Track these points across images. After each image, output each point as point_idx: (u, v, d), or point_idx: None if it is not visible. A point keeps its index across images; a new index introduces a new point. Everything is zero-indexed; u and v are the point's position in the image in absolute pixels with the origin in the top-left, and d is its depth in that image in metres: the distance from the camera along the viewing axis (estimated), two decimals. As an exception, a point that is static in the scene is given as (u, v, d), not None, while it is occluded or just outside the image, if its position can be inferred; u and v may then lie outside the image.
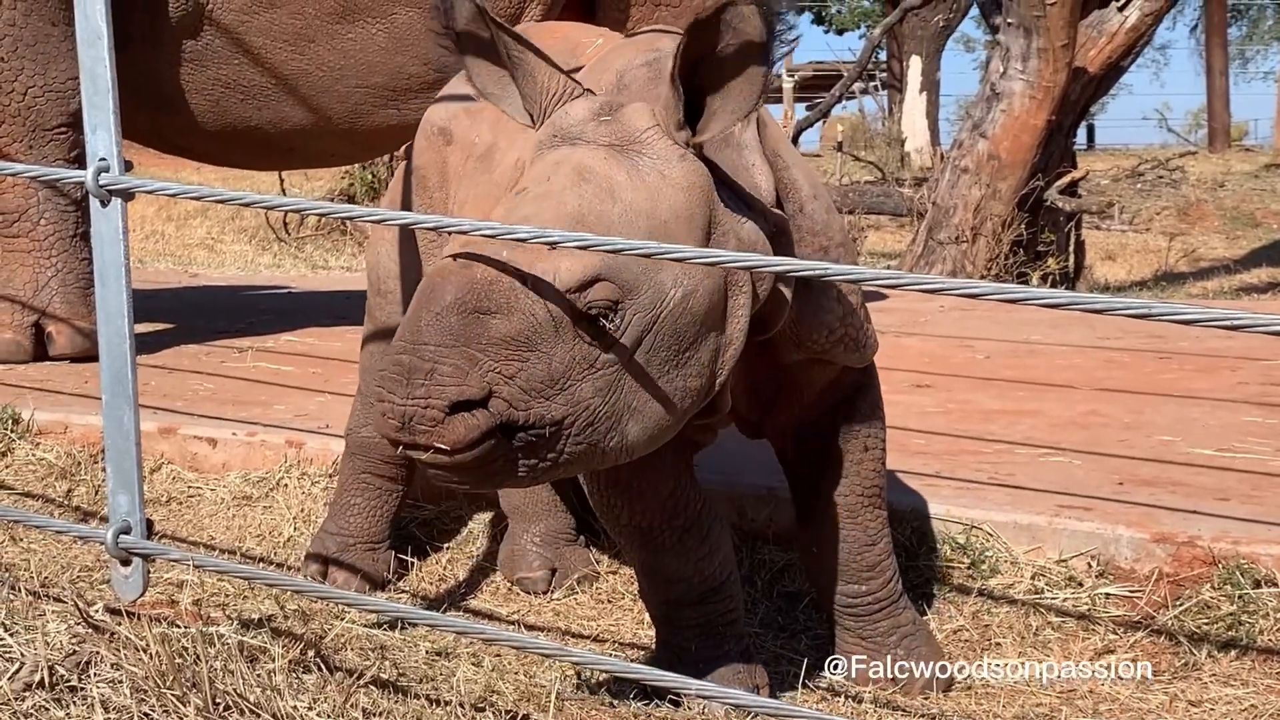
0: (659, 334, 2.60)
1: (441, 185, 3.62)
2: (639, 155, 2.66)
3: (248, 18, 6.21)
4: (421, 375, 2.42)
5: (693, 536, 3.11)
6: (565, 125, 2.72)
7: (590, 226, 2.54)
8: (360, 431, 3.97)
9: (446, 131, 3.64)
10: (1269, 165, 21.41)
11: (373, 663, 3.12)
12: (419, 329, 2.46)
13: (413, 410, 2.41)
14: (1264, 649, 3.35)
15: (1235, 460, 4.38)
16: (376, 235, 3.95)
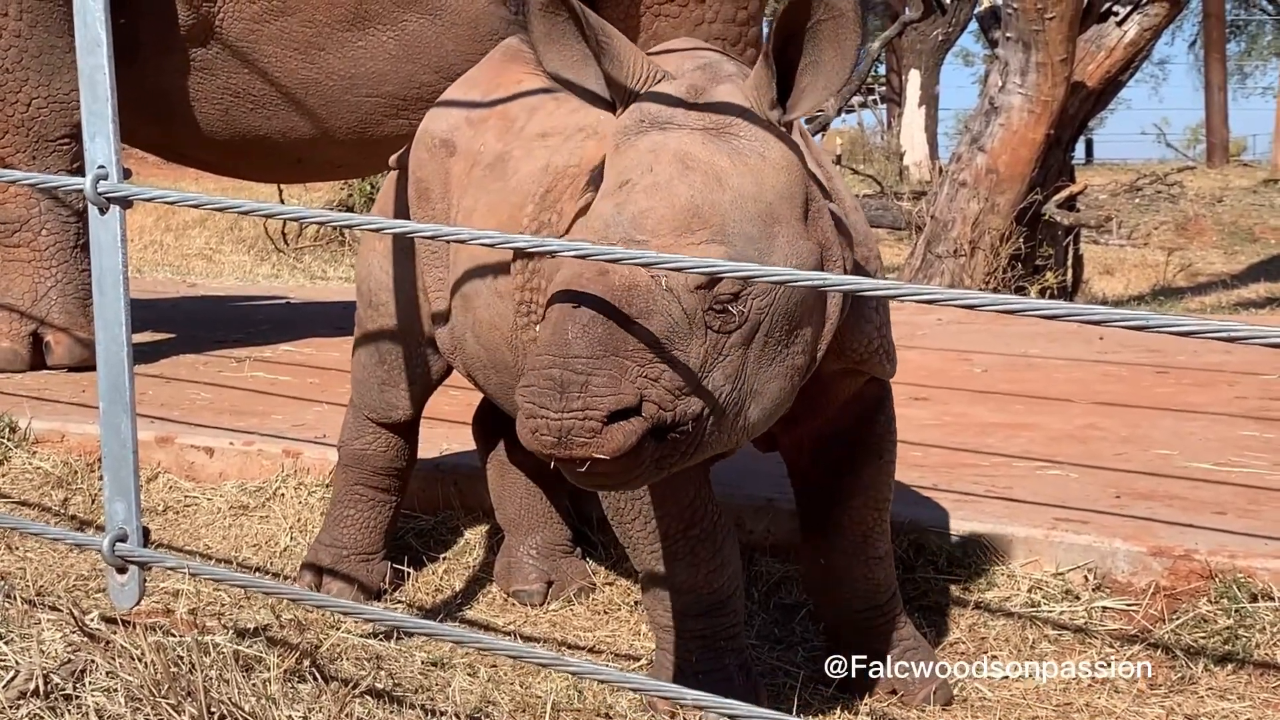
0: (774, 315, 2.62)
1: (444, 196, 3.61)
2: (736, 138, 2.66)
3: (258, 26, 6.21)
4: (576, 388, 2.42)
5: (706, 548, 3.11)
6: (655, 110, 2.69)
7: (705, 216, 2.55)
8: (353, 444, 3.97)
9: (449, 143, 3.63)
10: (1267, 181, 21.42)
11: (368, 673, 3.12)
12: (566, 341, 2.45)
13: (570, 423, 2.41)
14: (1260, 663, 3.35)
15: (1232, 474, 4.38)
16: (368, 246, 3.94)
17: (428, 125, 3.75)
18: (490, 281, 3.36)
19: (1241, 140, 36.41)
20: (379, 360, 3.86)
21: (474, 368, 3.56)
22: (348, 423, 4.01)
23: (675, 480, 3.04)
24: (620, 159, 2.69)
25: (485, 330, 3.41)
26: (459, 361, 3.65)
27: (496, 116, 3.56)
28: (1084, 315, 2.00)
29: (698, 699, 2.36)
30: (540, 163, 3.31)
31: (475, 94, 3.69)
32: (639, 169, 2.63)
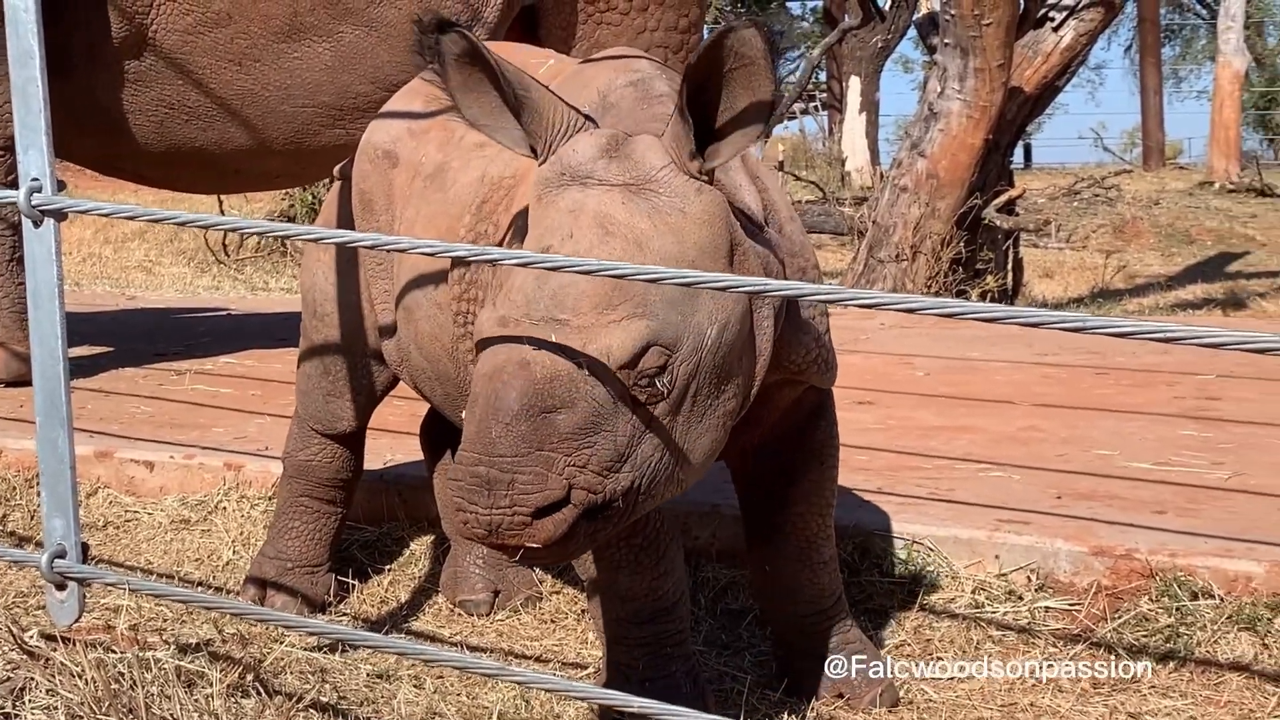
0: (702, 374, 2.63)
1: (388, 208, 3.60)
2: (656, 194, 2.63)
3: (192, 38, 6.15)
4: (503, 486, 2.44)
5: (649, 555, 3.10)
6: (574, 163, 2.67)
7: (627, 285, 2.52)
8: (298, 455, 3.95)
9: (392, 154, 3.62)
10: (1203, 183, 21.67)
11: (312, 686, 3.10)
12: (491, 440, 2.46)
13: (498, 519, 2.44)
14: (1201, 660, 3.38)
15: (1171, 474, 4.43)
16: (312, 257, 3.92)
17: (370, 136, 3.73)
18: (431, 293, 3.35)
19: (1177, 143, 36.80)
20: (324, 371, 3.84)
21: (419, 379, 3.55)
22: (292, 434, 3.99)
23: None
24: (541, 215, 2.67)
25: (427, 342, 3.40)
26: (405, 373, 3.64)
27: (438, 128, 3.56)
28: (1023, 318, 2.01)
29: (644, 706, 2.36)
30: (477, 173, 3.30)
31: (417, 104, 3.68)
32: (559, 233, 2.60)
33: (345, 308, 3.76)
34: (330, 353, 3.82)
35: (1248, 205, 18.56)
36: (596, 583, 3.14)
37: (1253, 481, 4.32)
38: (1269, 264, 14.08)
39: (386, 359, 3.70)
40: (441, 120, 3.57)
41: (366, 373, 3.79)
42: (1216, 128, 23.15)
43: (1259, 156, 25.64)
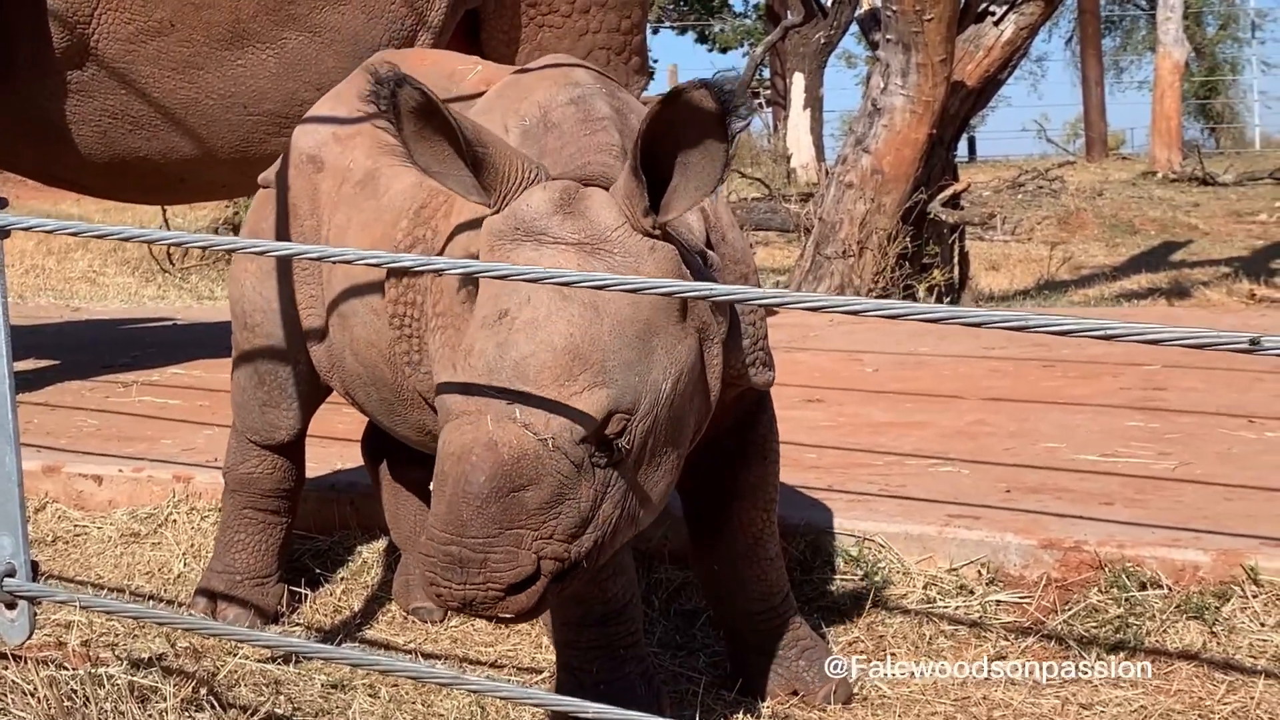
0: (658, 427, 2.67)
1: (313, 213, 3.60)
2: (610, 254, 2.64)
3: (134, 46, 6.10)
4: (476, 565, 2.51)
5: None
6: (527, 218, 2.68)
7: (585, 356, 2.56)
8: (238, 468, 3.92)
9: (316, 159, 3.62)
10: (1145, 173, 21.86)
11: (267, 698, 3.09)
12: (462, 522, 2.51)
13: (472, 594, 2.52)
14: (1151, 650, 3.42)
15: (1119, 465, 4.47)
16: (239, 268, 3.88)
17: (295, 142, 3.73)
18: (367, 299, 3.35)
19: (1120, 134, 37.10)
20: (258, 382, 3.82)
21: (353, 386, 3.54)
22: (231, 447, 3.97)
23: None
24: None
25: (363, 348, 3.39)
26: (337, 380, 3.63)
27: (365, 134, 3.55)
28: (966, 318, 2.03)
29: (599, 711, 2.36)
30: (411, 179, 3.30)
31: (342, 111, 3.68)
32: (516, 298, 2.61)
33: (276, 317, 3.75)
34: (263, 362, 3.80)
35: (1190, 194, 18.74)
36: None
37: (1199, 471, 4.37)
38: (1212, 253, 14.23)
39: (316, 366, 3.69)
40: (369, 127, 3.56)
41: (301, 380, 3.78)
42: (1158, 118, 23.37)
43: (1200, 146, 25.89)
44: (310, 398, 3.82)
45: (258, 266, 3.78)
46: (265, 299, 3.78)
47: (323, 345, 3.62)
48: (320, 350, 3.63)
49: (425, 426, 3.41)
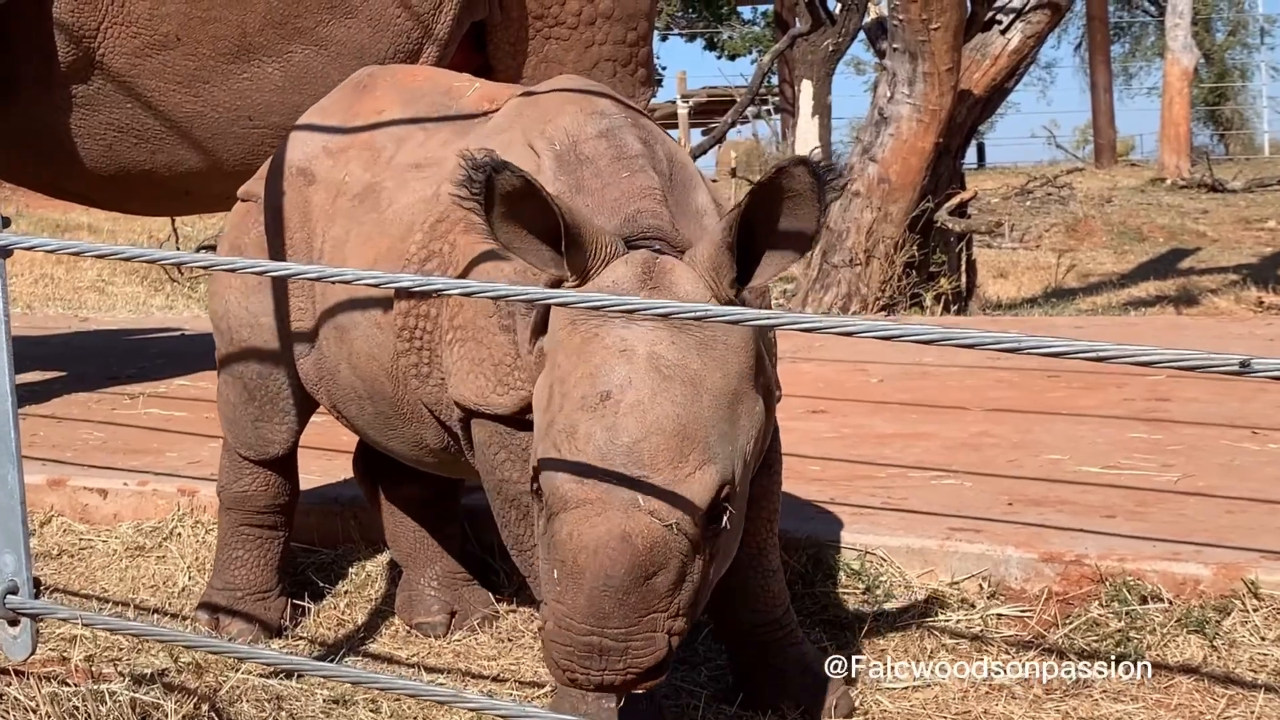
0: (743, 486, 2.78)
1: (304, 226, 3.60)
2: (700, 328, 2.69)
3: (140, 60, 6.12)
4: (617, 654, 2.59)
5: None
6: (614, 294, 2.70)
7: (693, 436, 2.62)
8: (233, 487, 3.92)
9: (308, 172, 3.64)
10: (1154, 180, 21.83)
11: (269, 714, 3.10)
12: (604, 614, 2.58)
13: (610, 679, 2.61)
14: (1152, 664, 3.42)
15: (1121, 477, 4.47)
16: (221, 283, 3.86)
17: (286, 155, 3.72)
18: (369, 313, 3.37)
19: (1129, 140, 37.04)
20: (248, 398, 3.82)
21: (345, 399, 3.55)
22: (224, 465, 3.97)
23: None
24: (585, 350, 2.70)
25: (363, 361, 3.40)
26: (324, 393, 3.64)
27: (359, 146, 3.57)
28: (958, 339, 2.04)
29: (596, 729, 2.37)
30: (420, 193, 3.33)
31: (332, 123, 3.69)
32: (616, 379, 2.65)
33: (262, 330, 3.74)
34: (253, 378, 3.79)
35: (1199, 201, 18.72)
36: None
37: (1201, 483, 4.37)
38: (1220, 260, 14.22)
39: (303, 379, 3.69)
40: (363, 139, 3.58)
41: (293, 393, 3.77)
42: (1167, 124, 23.34)
43: (1209, 152, 25.86)
44: (303, 410, 3.82)
45: (242, 281, 3.77)
46: (251, 313, 3.76)
47: (311, 358, 3.62)
48: (308, 363, 3.64)
49: (423, 441, 3.42)
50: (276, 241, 3.65)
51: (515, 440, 3.10)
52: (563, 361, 2.73)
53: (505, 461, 3.11)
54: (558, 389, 2.70)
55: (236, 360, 3.83)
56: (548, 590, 2.64)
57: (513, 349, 3.05)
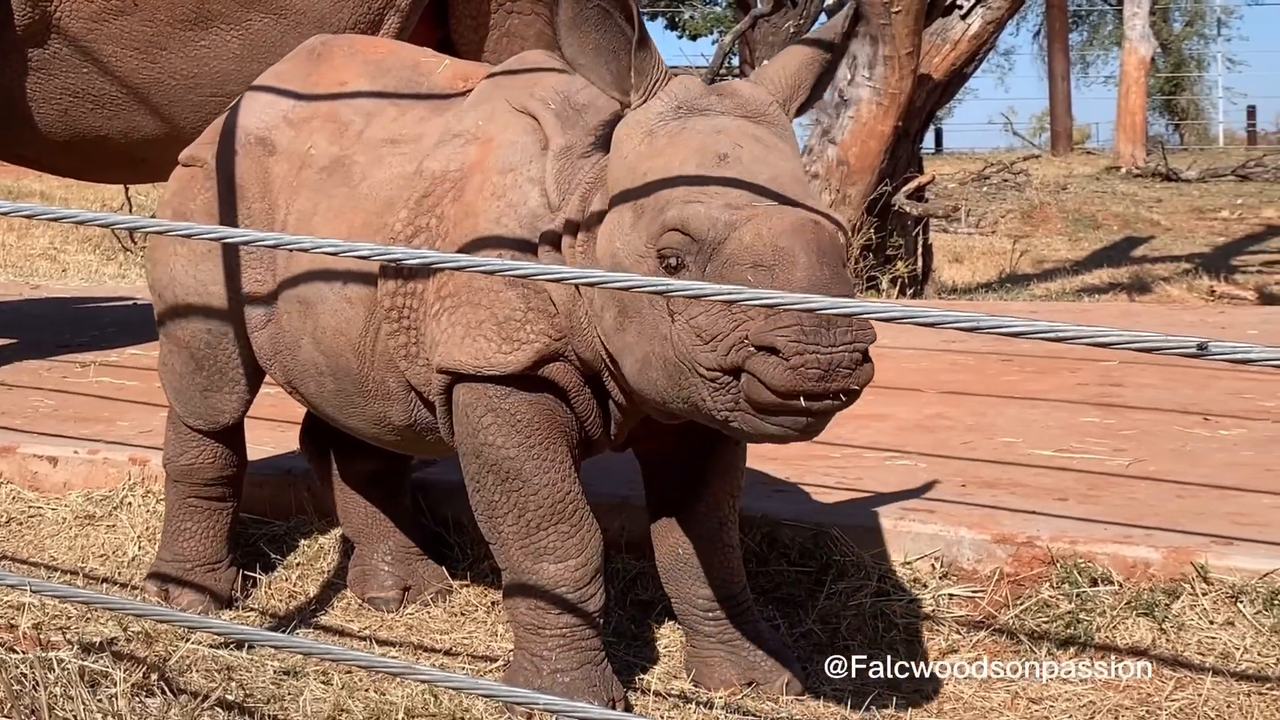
0: None
1: (263, 196, 3.55)
2: (771, 123, 2.87)
3: (97, 25, 6.04)
4: (843, 323, 2.55)
5: (575, 542, 3.13)
6: (686, 99, 2.86)
7: (801, 181, 2.78)
8: (179, 460, 3.88)
9: (267, 141, 3.59)
10: (1109, 168, 21.96)
11: (219, 684, 3.08)
12: (826, 281, 2.58)
13: (840, 356, 2.56)
14: (1101, 646, 3.45)
15: (1073, 461, 4.50)
16: (165, 250, 3.79)
17: (241, 122, 3.67)
18: (339, 288, 3.34)
19: (1085, 128, 37.20)
20: (196, 367, 3.76)
21: (304, 375, 3.51)
22: (170, 438, 3.92)
23: (552, 473, 3.10)
24: (677, 141, 2.80)
25: (329, 336, 3.38)
26: (278, 368, 3.59)
27: (322, 118, 3.53)
28: (920, 317, 2.04)
29: (549, 704, 2.37)
30: (398, 169, 3.32)
31: (289, 93, 3.64)
32: (721, 145, 2.76)
33: (212, 299, 3.67)
34: (201, 347, 3.73)
35: (1153, 190, 18.85)
36: (519, 571, 3.15)
37: (1152, 468, 4.40)
38: (1173, 248, 14.32)
39: (256, 352, 3.64)
40: (326, 110, 3.55)
41: (243, 363, 3.71)
42: (1123, 113, 23.47)
43: (1164, 142, 26.05)
44: (253, 379, 3.76)
45: (189, 249, 3.71)
46: (200, 281, 3.70)
47: (267, 331, 3.57)
48: (264, 336, 3.59)
49: (386, 418, 3.40)
50: (231, 210, 3.60)
51: (505, 403, 3.09)
52: (649, 163, 2.79)
53: (491, 425, 3.10)
54: (660, 177, 2.75)
55: (183, 329, 3.76)
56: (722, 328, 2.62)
57: (522, 304, 3.04)
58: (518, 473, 3.09)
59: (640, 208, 2.79)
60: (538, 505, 3.11)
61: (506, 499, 3.12)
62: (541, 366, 3.07)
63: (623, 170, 2.87)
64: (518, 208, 3.08)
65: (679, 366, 2.72)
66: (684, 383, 2.74)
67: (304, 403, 3.66)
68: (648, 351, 2.79)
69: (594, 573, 3.17)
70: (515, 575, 3.17)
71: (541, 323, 3.04)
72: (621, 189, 2.85)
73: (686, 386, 2.74)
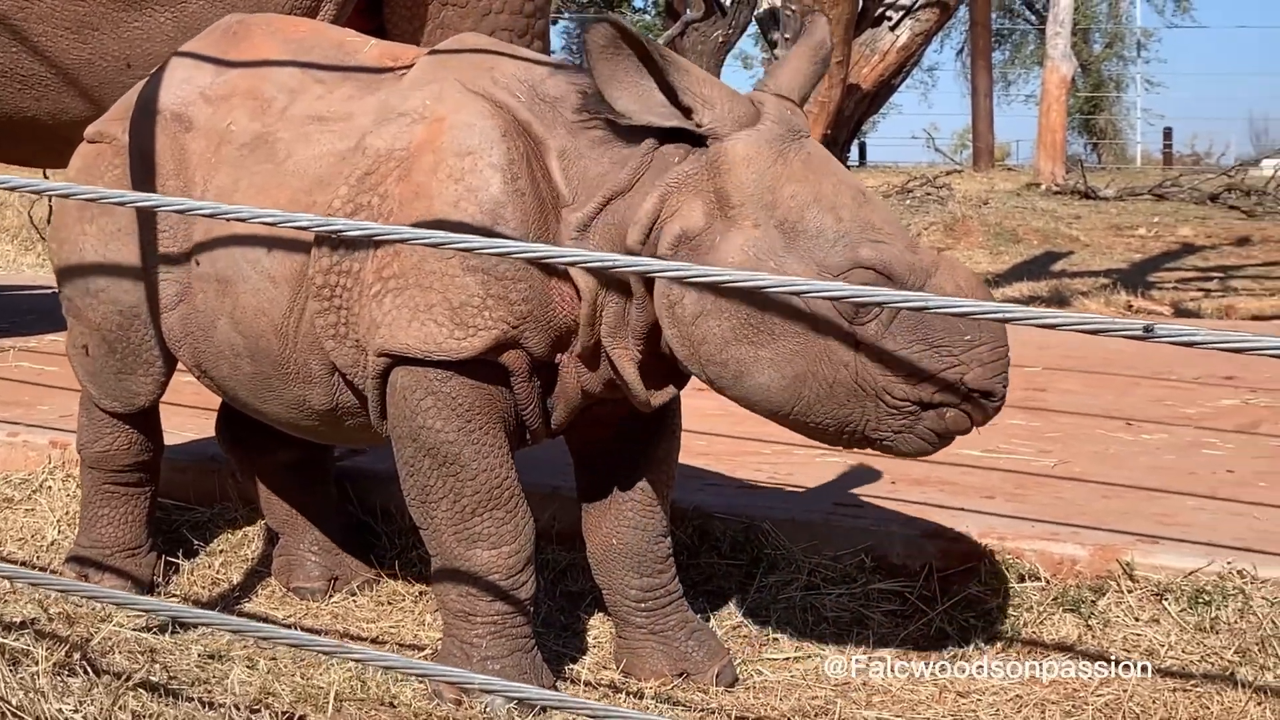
0: None
1: (179, 174, 3.47)
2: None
3: (28, 3, 5.91)
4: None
5: (509, 528, 3.12)
6: (787, 119, 3.02)
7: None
8: (93, 446, 3.79)
9: (183, 118, 3.51)
10: (1030, 185, 22.18)
11: (142, 666, 3.03)
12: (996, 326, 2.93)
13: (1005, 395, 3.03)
14: (1028, 640, 3.48)
15: (1000, 460, 4.53)
16: (75, 230, 3.68)
17: (155, 98, 3.58)
18: (261, 266, 3.27)
19: (1006, 145, 37.59)
20: (109, 350, 3.66)
21: (217, 357, 3.42)
22: (83, 424, 3.82)
23: (490, 458, 3.08)
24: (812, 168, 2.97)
25: (249, 317, 3.30)
26: (188, 350, 3.50)
27: (242, 95, 3.47)
28: (858, 296, 2.04)
29: (485, 683, 2.35)
30: (327, 147, 3.27)
31: (206, 70, 3.57)
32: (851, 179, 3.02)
33: (124, 280, 3.58)
34: (112, 330, 3.63)
35: (1072, 207, 19.05)
36: (451, 557, 3.12)
37: (1077, 469, 4.45)
38: (1092, 264, 14.48)
39: (165, 333, 3.54)
40: (244, 87, 3.48)
41: (158, 344, 3.60)
42: (1044, 131, 23.71)
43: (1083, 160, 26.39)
44: (169, 360, 3.64)
45: (98, 228, 3.61)
46: (111, 261, 3.60)
47: (178, 312, 3.48)
48: (174, 317, 3.49)
49: (306, 402, 3.33)
50: (145, 187, 3.49)
51: (446, 387, 3.05)
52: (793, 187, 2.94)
53: (431, 409, 3.06)
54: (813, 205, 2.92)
55: (94, 310, 3.65)
56: (949, 349, 2.90)
57: (481, 290, 3.01)
58: (455, 457, 3.07)
59: (792, 231, 2.91)
60: (474, 490, 3.08)
61: (442, 483, 3.09)
62: (494, 354, 3.05)
63: (759, 189, 2.93)
64: (478, 193, 3.04)
65: (856, 391, 2.91)
66: (851, 404, 2.93)
67: (214, 388, 3.56)
68: (803, 371, 2.92)
69: (526, 560, 3.16)
70: (447, 561, 3.15)
71: (500, 310, 3.01)
72: (758, 208, 2.93)
73: (854, 408, 2.94)
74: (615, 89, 2.96)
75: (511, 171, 3.04)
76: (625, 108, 2.97)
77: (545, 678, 3.18)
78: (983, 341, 2.91)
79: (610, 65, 2.94)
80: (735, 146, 2.96)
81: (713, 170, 2.96)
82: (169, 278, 3.48)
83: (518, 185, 3.03)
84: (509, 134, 3.08)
